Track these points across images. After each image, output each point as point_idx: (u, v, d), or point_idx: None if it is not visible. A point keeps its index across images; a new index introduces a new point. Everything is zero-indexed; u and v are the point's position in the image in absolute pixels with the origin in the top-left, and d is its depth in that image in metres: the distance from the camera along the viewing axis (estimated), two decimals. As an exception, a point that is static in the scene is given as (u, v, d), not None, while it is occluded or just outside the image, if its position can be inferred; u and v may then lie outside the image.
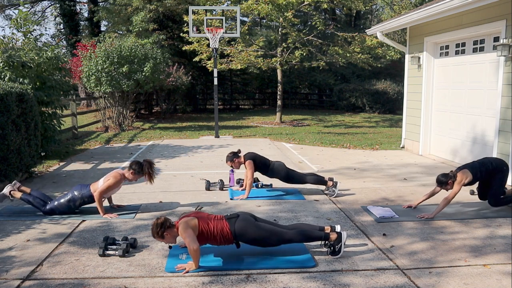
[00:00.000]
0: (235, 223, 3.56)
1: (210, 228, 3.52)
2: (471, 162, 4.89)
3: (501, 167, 4.79)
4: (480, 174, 4.72)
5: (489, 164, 4.77)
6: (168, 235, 3.50)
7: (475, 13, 6.93)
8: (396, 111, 20.23)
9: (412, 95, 9.25)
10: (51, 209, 4.76)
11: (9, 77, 7.42)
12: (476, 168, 4.73)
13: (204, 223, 3.52)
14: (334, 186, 5.61)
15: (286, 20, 14.42)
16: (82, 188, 4.82)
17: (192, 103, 22.36)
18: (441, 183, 4.69)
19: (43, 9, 30.20)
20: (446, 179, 4.66)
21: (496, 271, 3.39)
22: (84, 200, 4.78)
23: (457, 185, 4.62)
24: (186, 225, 3.44)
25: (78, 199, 4.77)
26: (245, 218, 3.62)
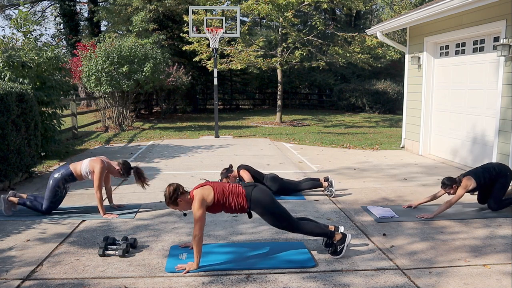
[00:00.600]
0: (252, 191, 3.57)
1: (226, 195, 3.52)
2: (474, 169, 4.89)
3: (504, 172, 4.78)
4: (484, 180, 4.72)
5: (492, 170, 4.77)
6: (182, 201, 3.48)
7: (475, 13, 6.93)
8: (396, 111, 20.23)
9: (412, 95, 9.26)
10: (48, 207, 4.76)
11: (9, 77, 7.42)
12: (480, 175, 4.73)
13: (219, 191, 3.51)
14: (330, 185, 5.60)
15: (286, 20, 14.43)
16: (61, 168, 4.82)
17: (192, 103, 22.36)
18: (445, 186, 4.70)
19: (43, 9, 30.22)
20: (451, 183, 4.67)
21: (496, 271, 3.39)
22: (66, 179, 4.76)
23: (462, 189, 4.63)
24: (202, 199, 3.43)
25: (60, 180, 4.75)
26: (263, 189, 3.64)
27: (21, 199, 4.85)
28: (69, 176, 4.78)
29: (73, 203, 5.37)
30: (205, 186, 3.55)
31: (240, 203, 3.54)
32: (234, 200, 3.53)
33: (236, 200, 3.54)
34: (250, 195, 3.55)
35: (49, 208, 4.78)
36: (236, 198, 3.54)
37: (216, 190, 3.52)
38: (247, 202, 3.55)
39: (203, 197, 3.45)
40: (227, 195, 3.53)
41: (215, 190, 3.51)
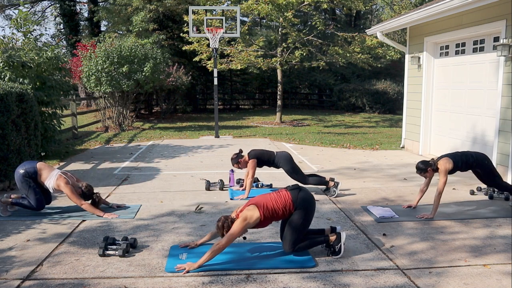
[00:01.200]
0: (298, 195, 3.61)
1: (270, 209, 3.53)
2: (453, 152, 4.91)
3: (482, 161, 4.78)
4: (461, 163, 4.71)
5: (470, 157, 4.76)
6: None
7: (475, 13, 6.93)
8: (396, 111, 20.23)
9: (412, 95, 9.26)
10: (35, 200, 4.75)
11: (9, 77, 7.42)
12: (458, 157, 4.74)
13: (264, 208, 3.52)
14: (335, 186, 5.61)
15: (286, 20, 14.42)
16: (26, 164, 4.83)
17: (192, 103, 22.36)
18: (420, 170, 4.74)
19: (43, 9, 30.22)
20: (425, 167, 4.70)
21: (496, 271, 3.39)
22: (29, 174, 4.74)
23: (443, 175, 4.63)
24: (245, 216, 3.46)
25: (25, 174, 4.74)
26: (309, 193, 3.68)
27: (14, 199, 4.85)
28: (32, 174, 4.75)
29: (73, 203, 5.36)
30: (249, 206, 3.56)
31: (288, 209, 3.58)
32: (281, 208, 3.57)
33: (284, 207, 3.57)
34: (296, 199, 3.60)
35: (37, 202, 4.77)
36: (283, 206, 3.57)
37: (260, 207, 3.52)
38: (294, 205, 3.59)
39: (247, 218, 3.47)
40: (272, 207, 3.55)
41: (260, 208, 3.52)
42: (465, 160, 4.72)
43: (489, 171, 4.79)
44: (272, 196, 3.63)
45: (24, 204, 4.81)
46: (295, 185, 3.74)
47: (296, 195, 3.62)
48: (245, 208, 3.56)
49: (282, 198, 3.60)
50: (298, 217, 3.58)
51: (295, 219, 3.59)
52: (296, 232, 3.59)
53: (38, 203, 4.78)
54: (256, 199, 3.61)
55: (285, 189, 3.71)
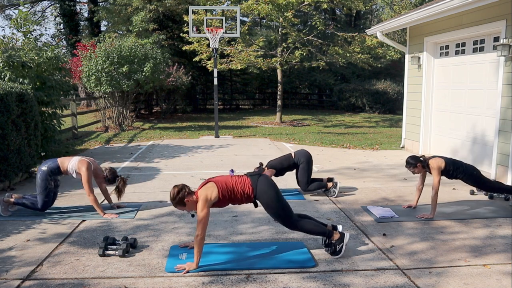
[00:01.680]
0: (258, 180, 3.59)
1: (230, 188, 3.52)
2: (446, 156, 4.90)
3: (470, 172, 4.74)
4: (452, 168, 4.69)
5: (460, 166, 4.74)
6: (189, 201, 3.47)
7: (475, 13, 6.93)
8: (396, 111, 20.23)
9: (412, 95, 9.26)
10: (42, 202, 4.76)
11: (9, 77, 7.42)
12: (450, 161, 4.73)
13: (222, 186, 3.51)
14: (334, 186, 5.61)
15: (286, 20, 14.42)
16: (47, 162, 4.84)
17: (192, 103, 22.36)
18: (409, 164, 4.73)
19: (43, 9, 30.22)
20: (415, 162, 4.71)
21: (496, 271, 3.39)
22: (52, 171, 4.76)
23: (436, 173, 4.62)
24: (205, 195, 3.43)
25: (47, 173, 4.75)
26: (269, 179, 3.66)
27: (16, 199, 4.85)
28: (55, 169, 4.78)
29: (73, 203, 5.37)
30: (207, 184, 3.55)
31: (246, 193, 3.56)
32: (240, 190, 3.55)
33: (242, 190, 3.55)
34: (256, 184, 3.57)
35: (44, 204, 4.78)
36: (242, 189, 3.55)
37: (219, 185, 3.52)
38: (253, 190, 3.56)
39: (207, 196, 3.45)
40: (232, 187, 3.54)
41: (219, 186, 3.51)
42: (456, 167, 4.71)
43: (478, 180, 4.78)
44: (233, 178, 3.62)
45: (26, 204, 4.81)
46: (255, 171, 3.73)
47: (255, 180, 3.60)
48: (204, 186, 3.53)
49: (241, 181, 3.59)
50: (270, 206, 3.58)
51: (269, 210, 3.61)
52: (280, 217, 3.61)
53: (44, 204, 4.79)
54: (215, 178, 3.61)
55: (245, 175, 3.69)
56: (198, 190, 3.54)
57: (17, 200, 4.84)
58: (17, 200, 4.84)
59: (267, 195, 3.56)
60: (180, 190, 3.46)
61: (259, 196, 3.58)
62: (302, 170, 5.62)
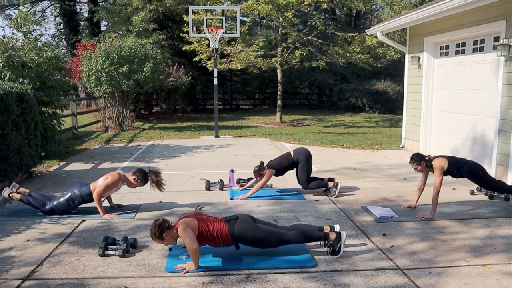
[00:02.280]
0: (234, 225, 3.57)
1: (210, 230, 3.52)
2: (450, 156, 4.90)
3: (476, 171, 4.75)
4: (456, 168, 4.69)
5: (464, 165, 4.74)
6: (168, 236, 3.49)
7: (475, 13, 6.93)
8: (396, 111, 20.23)
9: (412, 95, 9.26)
10: (50, 209, 4.77)
11: (9, 77, 7.42)
12: (453, 161, 4.73)
13: (203, 224, 3.52)
14: (335, 186, 5.61)
15: (286, 20, 14.42)
16: (82, 186, 4.82)
17: (192, 103, 22.36)
18: (414, 160, 4.74)
19: (43, 9, 30.22)
20: (419, 159, 4.72)
21: (496, 271, 3.39)
22: (83, 198, 4.79)
23: (439, 173, 4.62)
24: (186, 225, 3.44)
25: (77, 198, 4.77)
26: (245, 220, 3.63)
27: (23, 195, 4.85)
28: (87, 196, 4.80)
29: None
30: (189, 216, 3.56)
31: (224, 239, 3.55)
32: (218, 235, 3.53)
33: (220, 235, 3.54)
34: (233, 230, 3.55)
35: (50, 211, 4.78)
36: (220, 234, 3.54)
37: (199, 221, 3.52)
38: (231, 236, 3.55)
39: (187, 223, 3.45)
40: (211, 230, 3.52)
41: (199, 222, 3.52)
42: (459, 167, 4.71)
43: (483, 180, 4.79)
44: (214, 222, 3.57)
45: (32, 204, 4.81)
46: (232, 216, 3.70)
47: (232, 225, 3.57)
48: (183, 218, 3.53)
49: (219, 226, 3.55)
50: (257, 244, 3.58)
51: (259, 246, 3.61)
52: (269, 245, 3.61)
53: (51, 211, 4.78)
54: (197, 215, 3.61)
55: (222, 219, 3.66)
56: (176, 222, 3.54)
57: (24, 198, 4.83)
58: (24, 197, 4.84)
59: (247, 236, 3.55)
60: (161, 224, 3.47)
61: (239, 239, 3.57)
62: (301, 168, 5.62)
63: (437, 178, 4.62)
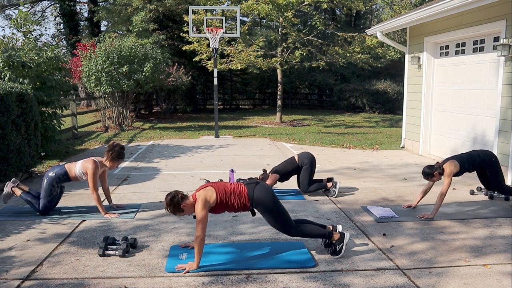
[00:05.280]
0: (254, 189, 3.57)
1: (228, 195, 3.52)
2: (459, 154, 4.90)
3: (489, 159, 4.78)
4: (468, 165, 4.71)
5: (477, 157, 4.77)
6: (186, 206, 3.47)
7: (475, 13, 6.93)
8: (396, 111, 20.23)
9: (412, 95, 9.26)
10: (44, 206, 4.76)
11: (9, 77, 7.42)
12: (464, 159, 4.73)
13: (221, 191, 3.52)
14: (334, 186, 5.61)
15: (286, 20, 14.43)
16: (55, 168, 4.83)
17: (192, 103, 22.36)
18: (427, 175, 4.71)
19: (43, 9, 30.22)
20: (432, 171, 4.68)
21: (496, 271, 3.39)
22: (59, 177, 4.77)
23: (448, 177, 4.62)
24: (204, 197, 3.44)
25: (54, 179, 4.76)
26: (266, 187, 3.64)
27: (23, 192, 4.86)
28: (63, 175, 4.78)
29: (73, 203, 5.37)
30: (207, 187, 3.55)
31: (242, 202, 3.55)
32: (236, 199, 3.54)
33: (239, 199, 3.54)
34: (252, 193, 3.56)
35: (45, 208, 4.78)
36: (238, 197, 3.54)
37: (218, 190, 3.52)
38: (249, 200, 3.55)
39: (206, 198, 3.46)
40: (229, 194, 3.53)
41: (217, 191, 3.52)
42: (472, 161, 4.72)
43: (495, 170, 4.78)
44: (231, 186, 3.61)
45: (31, 202, 4.82)
46: (252, 179, 3.72)
47: (252, 189, 3.58)
48: (203, 188, 3.53)
49: (239, 190, 3.58)
50: (267, 214, 3.58)
51: (266, 218, 3.60)
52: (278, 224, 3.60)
53: (45, 209, 4.79)
54: (215, 183, 3.61)
55: (242, 183, 3.69)
56: (195, 193, 3.54)
57: (24, 195, 4.85)
58: (24, 194, 4.85)
59: (264, 203, 3.55)
60: (174, 196, 3.46)
61: (256, 205, 3.57)
62: (304, 172, 5.62)
63: (446, 181, 4.61)
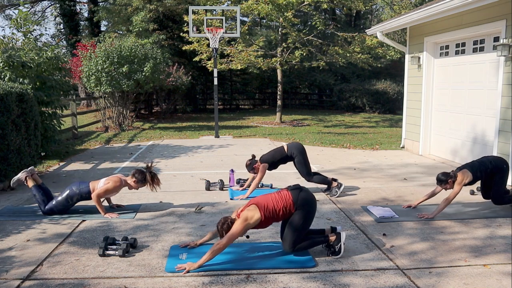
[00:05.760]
0: (299, 195, 3.60)
1: (271, 208, 3.53)
2: (470, 162, 4.89)
3: (501, 165, 4.78)
4: (480, 173, 4.72)
5: (488, 163, 4.77)
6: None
7: (475, 13, 6.93)
8: (396, 111, 20.23)
9: (412, 95, 9.26)
10: (50, 209, 4.77)
11: (9, 77, 7.42)
12: (476, 168, 4.73)
13: (265, 208, 3.52)
14: (337, 187, 5.60)
15: (286, 20, 14.42)
16: (81, 184, 4.82)
17: (192, 103, 22.36)
18: (441, 182, 4.69)
19: (43, 9, 30.22)
20: (446, 178, 4.65)
21: (496, 271, 3.38)
22: (82, 196, 4.77)
23: (458, 185, 4.62)
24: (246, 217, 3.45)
25: (75, 195, 4.76)
26: (310, 194, 3.66)
27: (35, 186, 4.85)
28: (86, 194, 4.79)
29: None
30: (250, 206, 3.55)
31: (288, 209, 3.58)
32: (281, 208, 3.56)
33: (284, 207, 3.56)
34: (297, 198, 3.59)
35: (50, 211, 4.78)
36: (284, 205, 3.56)
37: (261, 207, 3.52)
38: (294, 205, 3.58)
39: (247, 217, 3.46)
40: (273, 206, 3.54)
41: (260, 208, 3.51)
42: (484, 169, 4.72)
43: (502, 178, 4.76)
44: (273, 196, 3.62)
45: (38, 199, 4.81)
46: (296, 185, 3.73)
47: (297, 195, 3.61)
48: (246, 208, 3.55)
49: (283, 198, 3.60)
50: (299, 217, 3.58)
51: (295, 220, 3.58)
52: (296, 233, 3.59)
53: (50, 211, 4.78)
54: (257, 199, 3.61)
55: (286, 189, 3.70)
56: (241, 212, 3.55)
57: (34, 188, 4.84)
58: (34, 188, 4.84)
59: (305, 209, 3.57)
60: (224, 223, 3.48)
61: (298, 209, 3.58)
62: (299, 164, 5.63)
63: (456, 188, 4.60)
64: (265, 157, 5.66)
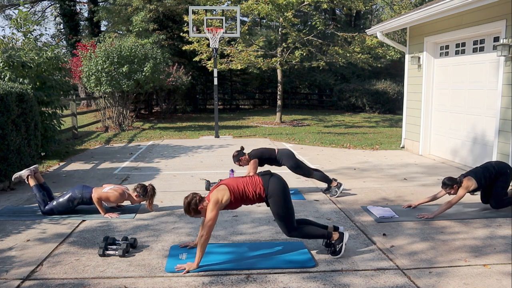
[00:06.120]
0: (269, 180, 3.60)
1: (241, 189, 3.54)
2: (474, 169, 4.86)
3: (504, 170, 4.77)
4: (484, 180, 4.70)
5: (492, 169, 4.75)
6: (203, 208, 3.50)
7: (475, 13, 6.93)
8: (396, 111, 20.23)
9: (412, 95, 9.26)
10: (50, 209, 4.77)
11: (9, 77, 7.42)
12: (480, 174, 4.71)
13: (234, 188, 3.53)
14: (337, 187, 5.60)
15: (286, 20, 14.42)
16: (84, 188, 4.83)
17: (192, 103, 22.36)
18: (446, 186, 4.68)
19: (43, 9, 30.22)
20: (452, 183, 4.64)
21: (496, 271, 3.38)
22: (83, 200, 4.79)
23: (463, 190, 4.61)
24: (216, 198, 3.45)
25: (77, 199, 4.78)
26: (280, 178, 3.66)
27: (36, 185, 4.85)
28: (87, 199, 4.80)
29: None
30: (219, 186, 3.56)
31: (258, 193, 3.58)
32: (251, 191, 3.56)
33: (254, 190, 3.57)
34: (267, 184, 3.58)
35: (50, 211, 4.78)
36: (254, 189, 3.57)
37: (231, 188, 3.54)
38: (264, 191, 3.58)
39: (218, 199, 3.47)
40: (243, 188, 3.56)
41: (230, 188, 3.53)
42: (488, 175, 4.71)
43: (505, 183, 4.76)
44: (244, 179, 3.63)
45: (38, 198, 4.81)
46: (267, 171, 3.74)
47: (267, 180, 3.61)
48: (215, 189, 3.55)
49: (253, 182, 3.60)
50: (277, 206, 3.57)
51: (275, 209, 3.59)
52: (283, 221, 3.60)
53: (50, 211, 4.79)
54: (227, 181, 3.62)
55: (257, 175, 3.71)
56: (209, 194, 3.55)
57: (35, 188, 4.85)
58: (35, 187, 4.85)
59: (278, 195, 3.57)
60: (191, 199, 3.48)
61: (270, 195, 3.58)
62: (294, 169, 5.64)
63: (459, 193, 4.60)
64: (254, 152, 5.65)
